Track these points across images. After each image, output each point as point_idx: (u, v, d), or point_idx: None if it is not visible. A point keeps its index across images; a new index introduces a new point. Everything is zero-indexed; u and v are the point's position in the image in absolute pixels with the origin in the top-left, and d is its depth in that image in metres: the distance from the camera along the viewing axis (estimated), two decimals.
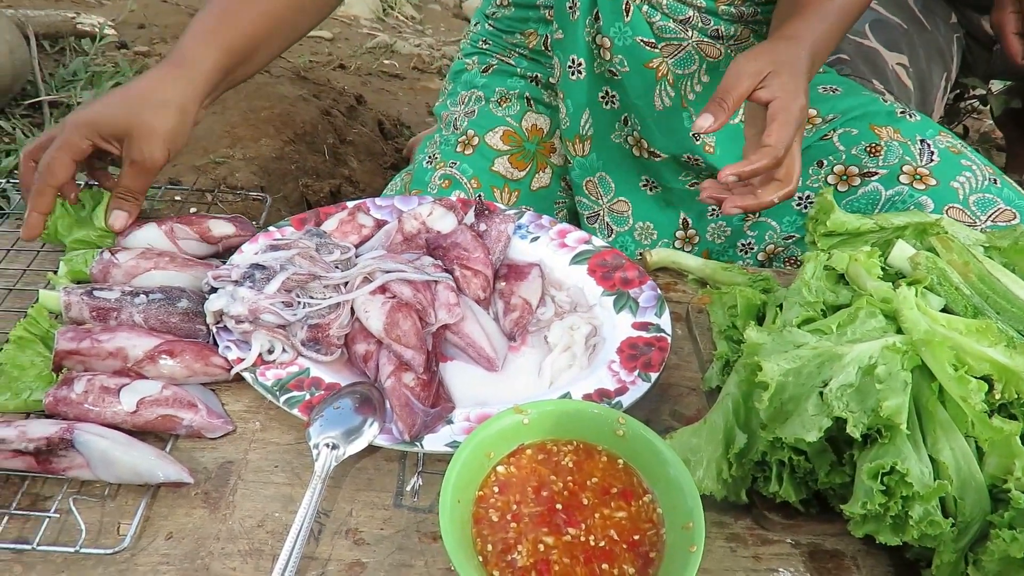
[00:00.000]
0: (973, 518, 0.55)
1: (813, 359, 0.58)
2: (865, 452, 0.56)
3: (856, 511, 0.55)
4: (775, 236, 1.19)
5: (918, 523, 0.53)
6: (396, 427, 0.69)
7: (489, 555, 0.57)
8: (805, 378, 0.58)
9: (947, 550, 0.55)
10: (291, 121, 1.89)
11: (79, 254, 0.86)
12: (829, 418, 0.55)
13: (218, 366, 0.74)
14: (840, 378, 0.56)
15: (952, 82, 1.71)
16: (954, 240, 0.69)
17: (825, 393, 0.56)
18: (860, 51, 1.51)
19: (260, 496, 0.66)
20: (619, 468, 0.63)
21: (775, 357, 0.57)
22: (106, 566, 0.60)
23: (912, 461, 0.53)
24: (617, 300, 0.86)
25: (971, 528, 0.55)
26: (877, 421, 0.54)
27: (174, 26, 2.71)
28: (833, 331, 0.60)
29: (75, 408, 0.68)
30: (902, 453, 0.53)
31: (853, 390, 0.56)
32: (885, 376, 0.54)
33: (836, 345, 0.58)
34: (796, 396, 0.57)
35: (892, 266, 0.70)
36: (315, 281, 0.79)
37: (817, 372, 0.58)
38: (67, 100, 1.92)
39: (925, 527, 0.53)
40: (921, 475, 0.54)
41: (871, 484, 0.54)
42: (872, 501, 0.54)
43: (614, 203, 1.22)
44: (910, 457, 0.54)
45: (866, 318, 0.59)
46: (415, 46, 3.77)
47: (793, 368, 0.57)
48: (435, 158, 1.23)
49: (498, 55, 1.28)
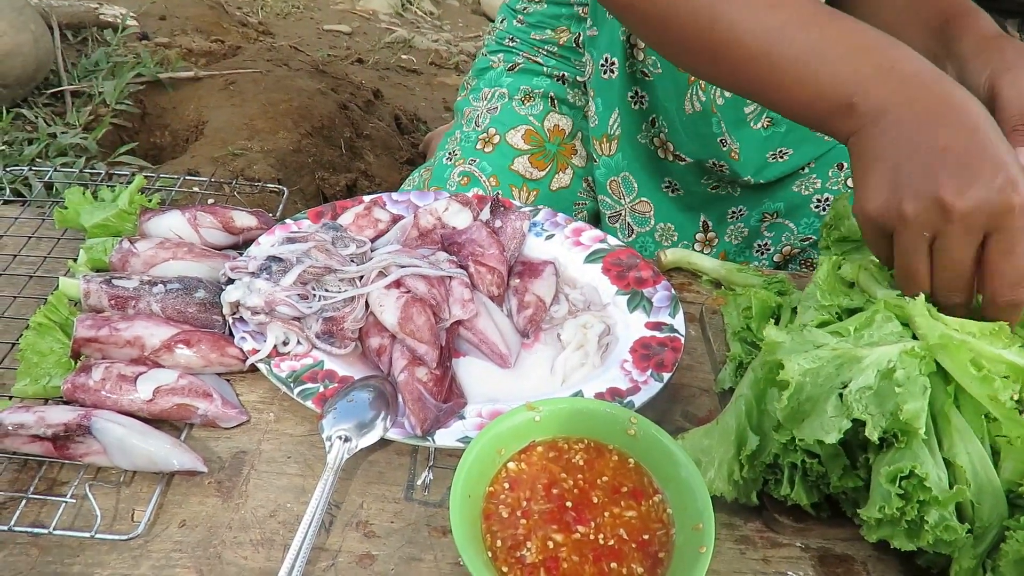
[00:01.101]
0: (991, 523, 0.55)
1: (832, 360, 0.57)
2: (882, 456, 0.56)
3: (873, 515, 0.55)
4: (792, 238, 1.19)
5: (933, 528, 0.53)
6: (408, 421, 0.69)
7: (498, 551, 0.57)
8: (824, 379, 0.57)
9: (965, 556, 0.54)
10: (309, 114, 1.90)
11: (99, 242, 0.87)
12: (848, 419, 0.55)
13: (233, 357, 0.75)
14: (860, 380, 0.56)
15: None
16: None
17: (845, 394, 0.56)
18: None
19: (273, 486, 0.67)
20: (630, 467, 0.63)
21: (795, 356, 0.57)
22: (120, 552, 0.61)
23: (930, 465, 0.53)
24: (631, 299, 0.86)
25: (988, 534, 0.55)
26: (896, 425, 0.54)
27: (195, 18, 2.73)
28: (851, 333, 0.60)
29: (92, 395, 0.69)
30: (919, 457, 0.53)
31: (872, 393, 0.55)
32: (904, 380, 0.54)
33: (855, 347, 0.58)
34: (814, 397, 0.57)
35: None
36: (330, 274, 0.79)
37: (836, 373, 0.57)
38: (88, 90, 1.94)
39: (941, 532, 0.52)
40: (939, 480, 0.53)
41: (889, 488, 0.53)
42: (890, 505, 0.53)
43: (636, 203, 1.22)
44: (927, 462, 0.53)
45: (883, 322, 0.59)
46: (433, 41, 3.78)
47: (812, 368, 0.57)
48: (455, 155, 1.23)
49: (524, 53, 1.27)
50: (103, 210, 0.90)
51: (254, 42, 2.79)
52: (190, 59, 2.35)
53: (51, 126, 1.81)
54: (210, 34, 2.63)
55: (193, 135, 1.89)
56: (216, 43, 2.49)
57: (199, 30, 2.65)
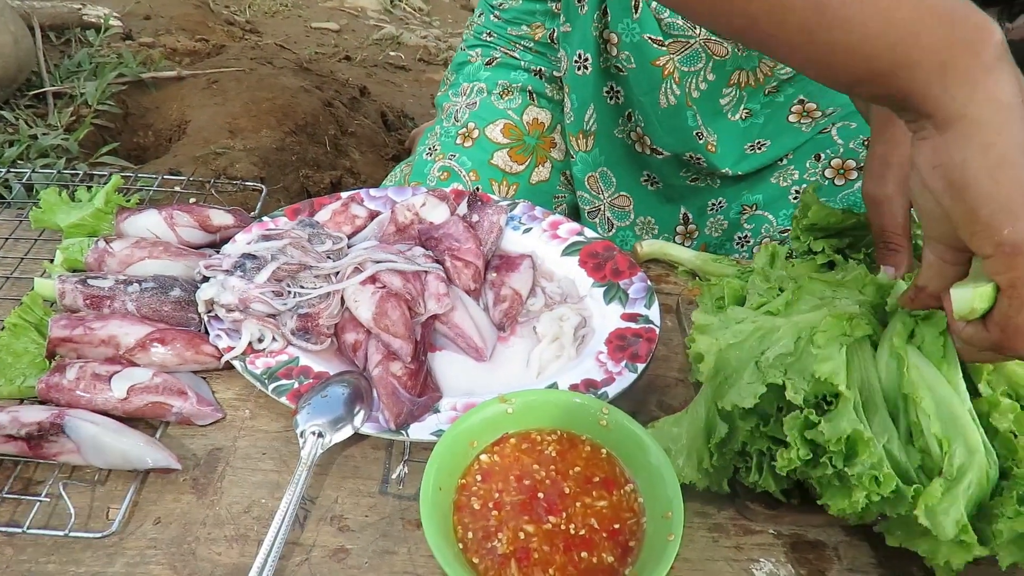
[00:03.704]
0: (965, 465, 0.53)
1: (753, 332, 0.60)
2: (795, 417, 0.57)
3: (781, 466, 0.56)
4: (771, 229, 1.19)
5: (860, 480, 0.53)
6: (383, 416, 0.69)
7: (469, 542, 0.57)
8: (747, 351, 0.59)
9: (932, 495, 0.52)
10: (292, 112, 1.89)
11: (75, 243, 0.87)
12: (763, 384, 0.56)
13: (208, 354, 0.75)
14: (777, 348, 0.58)
15: None
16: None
17: (760, 361, 0.58)
18: None
19: (248, 483, 0.67)
20: (602, 457, 0.64)
21: (717, 333, 0.59)
22: (95, 550, 0.61)
23: (842, 419, 0.54)
24: (607, 291, 0.86)
25: (964, 476, 0.53)
26: (817, 388, 0.54)
27: (180, 17, 2.72)
28: (781, 311, 0.62)
29: (67, 394, 0.69)
30: (839, 415, 0.54)
31: (794, 359, 0.57)
32: (823, 342, 0.55)
33: (776, 318, 0.60)
34: (739, 368, 0.59)
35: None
36: (306, 271, 0.80)
37: (757, 345, 0.59)
38: (70, 91, 1.94)
39: (869, 484, 0.52)
40: (844, 428, 0.53)
41: (790, 435, 0.55)
42: (792, 454, 0.55)
43: (615, 198, 1.22)
44: (843, 417, 0.54)
45: (812, 297, 0.61)
46: (422, 38, 3.77)
47: (736, 343, 0.59)
48: (435, 150, 1.23)
49: (502, 48, 1.27)
50: (79, 210, 0.90)
51: (239, 40, 2.78)
52: (174, 58, 2.34)
53: (32, 128, 1.81)
54: (195, 33, 2.63)
55: (176, 135, 1.89)
56: (200, 42, 2.48)
57: (184, 29, 2.64)
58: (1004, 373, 0.60)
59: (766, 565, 0.63)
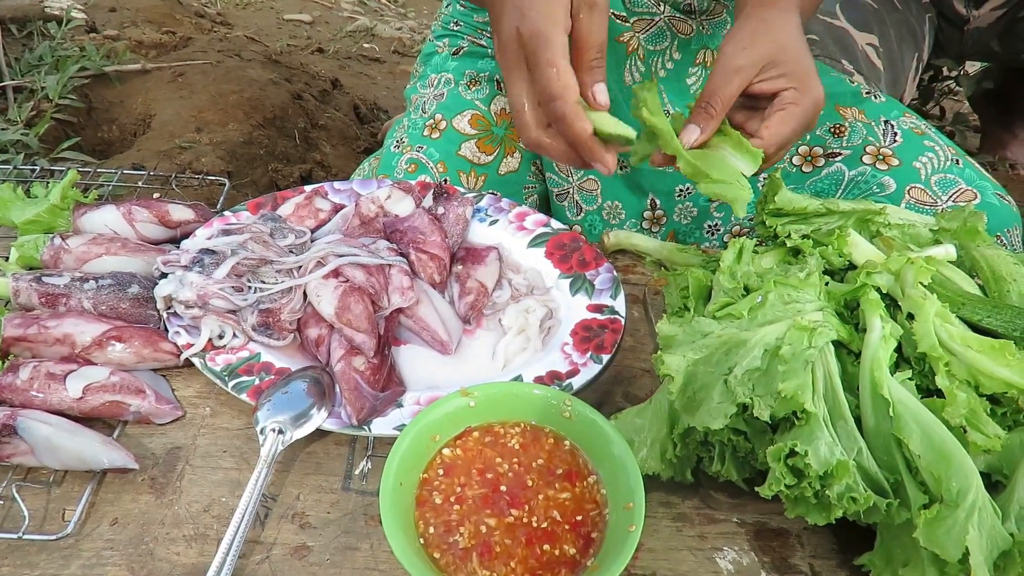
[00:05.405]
0: (964, 486, 0.52)
1: (720, 347, 0.58)
2: (778, 436, 0.56)
3: (766, 492, 0.55)
4: (741, 218, 1.19)
5: (839, 500, 0.53)
6: (345, 411, 0.69)
7: (431, 537, 0.57)
8: (714, 366, 0.58)
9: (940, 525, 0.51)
10: (260, 105, 1.87)
11: (31, 239, 0.85)
12: (734, 404, 0.55)
13: (167, 352, 0.73)
14: (744, 363, 0.56)
15: (924, 63, 1.71)
16: (895, 240, 0.69)
17: (729, 380, 0.56)
18: (830, 31, 1.51)
19: (207, 481, 0.66)
20: (565, 449, 0.63)
21: (683, 349, 0.57)
22: (50, 552, 0.60)
23: (820, 442, 0.53)
24: (573, 283, 0.86)
25: (965, 497, 0.52)
26: (784, 405, 0.54)
27: (146, 9, 2.67)
28: (744, 315, 0.60)
29: (20, 395, 0.68)
30: (813, 434, 0.53)
31: (761, 374, 0.56)
32: (789, 356, 0.54)
33: (741, 331, 0.58)
34: (707, 384, 0.57)
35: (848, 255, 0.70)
36: (267, 266, 0.78)
37: (725, 359, 0.58)
38: (31, 85, 1.90)
39: (847, 504, 0.53)
40: (827, 455, 0.53)
41: (775, 466, 0.54)
42: (777, 484, 0.54)
43: (583, 181, 1.22)
44: (819, 438, 0.53)
45: (776, 301, 0.60)
46: (396, 29, 3.74)
47: (702, 357, 0.57)
48: (402, 142, 1.22)
49: (469, 36, 1.26)
50: (35, 206, 0.88)
51: (208, 33, 2.73)
52: (140, 51, 2.30)
53: None
54: (162, 25, 2.58)
55: (141, 129, 1.85)
56: (167, 35, 2.44)
57: (150, 21, 2.59)
58: (965, 361, 0.60)
59: (729, 553, 0.64)
